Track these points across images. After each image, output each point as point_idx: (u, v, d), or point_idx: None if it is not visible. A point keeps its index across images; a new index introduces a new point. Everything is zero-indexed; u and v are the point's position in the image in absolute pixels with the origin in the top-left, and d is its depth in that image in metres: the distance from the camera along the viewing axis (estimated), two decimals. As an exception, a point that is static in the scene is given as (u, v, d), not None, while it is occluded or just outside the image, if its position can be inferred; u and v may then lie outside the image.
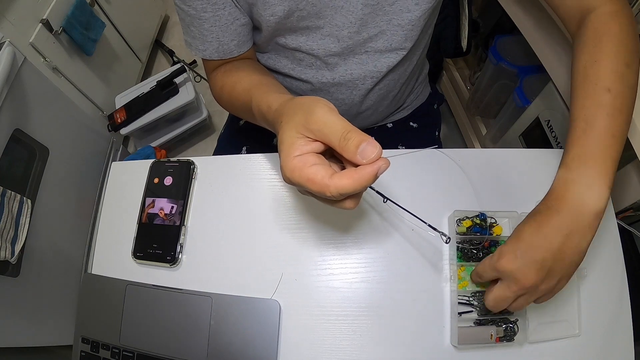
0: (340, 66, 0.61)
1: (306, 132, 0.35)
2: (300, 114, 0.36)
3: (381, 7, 0.54)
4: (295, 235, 0.55)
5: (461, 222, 0.51)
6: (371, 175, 0.33)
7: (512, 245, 0.42)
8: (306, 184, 0.34)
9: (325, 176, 0.34)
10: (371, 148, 0.33)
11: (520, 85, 1.00)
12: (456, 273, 0.49)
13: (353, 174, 0.33)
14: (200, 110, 1.58)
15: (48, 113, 1.07)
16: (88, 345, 0.53)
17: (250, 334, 0.50)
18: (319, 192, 0.34)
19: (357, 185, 0.33)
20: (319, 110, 0.35)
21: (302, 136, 0.36)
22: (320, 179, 0.34)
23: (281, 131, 0.37)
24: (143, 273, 0.55)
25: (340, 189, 0.33)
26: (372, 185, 0.42)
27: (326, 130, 0.34)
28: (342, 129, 0.34)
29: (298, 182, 0.35)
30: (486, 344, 0.47)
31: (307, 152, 0.35)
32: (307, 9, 0.53)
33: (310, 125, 0.35)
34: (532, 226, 0.42)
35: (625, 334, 0.49)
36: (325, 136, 0.34)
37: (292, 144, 0.35)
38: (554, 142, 0.89)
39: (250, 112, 0.51)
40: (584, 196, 0.41)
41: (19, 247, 0.90)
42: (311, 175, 0.34)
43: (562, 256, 0.40)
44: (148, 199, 0.57)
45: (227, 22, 0.54)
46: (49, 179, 1.04)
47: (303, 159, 0.35)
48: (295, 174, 0.35)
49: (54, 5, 1.17)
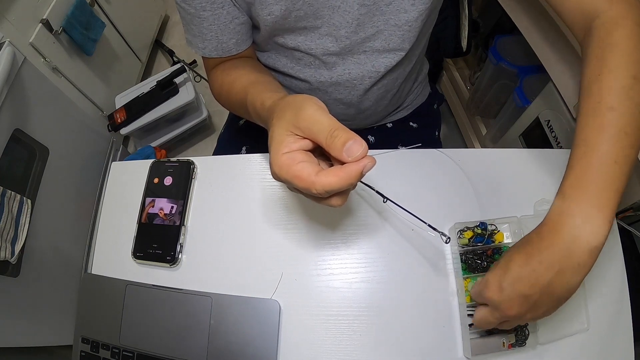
0: (338, 66, 0.61)
1: (295, 129, 0.36)
2: (290, 112, 0.37)
3: (378, 7, 0.54)
4: (296, 235, 0.55)
5: (462, 233, 0.51)
6: (357, 173, 0.33)
7: (499, 275, 0.40)
8: (293, 180, 0.35)
9: (312, 173, 0.34)
10: (357, 146, 0.33)
11: (520, 85, 1.00)
12: (462, 286, 0.49)
13: (339, 172, 0.33)
14: (200, 110, 1.58)
15: (48, 113, 1.07)
16: (88, 345, 0.53)
17: (250, 334, 0.50)
18: (305, 189, 0.34)
19: (343, 183, 0.33)
20: (308, 108, 0.35)
21: (291, 134, 0.36)
22: (306, 176, 0.34)
23: (272, 128, 0.38)
24: (143, 273, 0.55)
25: (325, 186, 0.33)
26: (371, 185, 0.42)
27: (314, 128, 0.35)
28: (329, 127, 0.34)
29: (285, 178, 0.35)
30: (499, 351, 0.47)
31: (295, 150, 0.36)
32: (304, 9, 0.53)
33: (299, 123, 0.35)
34: (521, 257, 0.39)
35: (626, 334, 0.49)
36: (313, 134, 0.35)
37: (281, 142, 0.36)
38: (554, 142, 0.89)
39: (246, 110, 0.52)
40: (579, 231, 0.36)
41: (19, 247, 0.90)
42: (298, 173, 0.34)
43: (550, 291, 0.38)
44: (148, 199, 0.57)
45: (226, 21, 0.55)
46: (49, 179, 1.04)
47: (291, 156, 0.35)
48: (283, 171, 0.35)
49: (54, 5, 1.17)
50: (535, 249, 0.39)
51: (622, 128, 0.37)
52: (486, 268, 0.50)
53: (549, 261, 0.37)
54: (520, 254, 0.40)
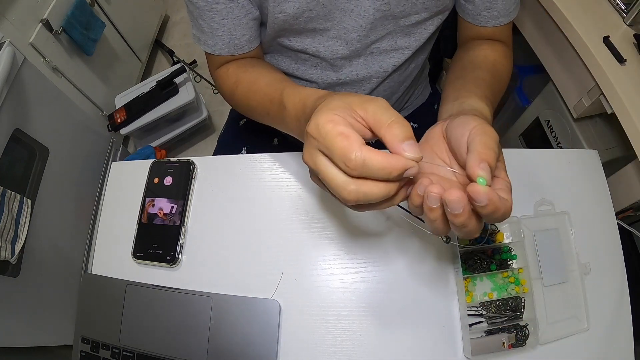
0: (345, 67, 0.61)
1: (359, 109, 0.33)
2: (357, 97, 0.34)
3: (392, 12, 0.54)
4: (295, 235, 0.55)
5: None
6: (402, 164, 0.30)
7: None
8: (336, 138, 0.31)
9: (358, 140, 0.31)
10: (416, 148, 0.31)
11: (520, 85, 1.01)
12: (462, 286, 0.49)
13: (386, 154, 0.30)
14: (200, 110, 1.58)
15: (48, 113, 1.07)
16: (88, 345, 0.53)
17: (250, 334, 0.50)
18: (343, 152, 0.30)
19: (386, 165, 0.30)
20: (379, 100, 0.33)
21: (350, 111, 0.33)
22: (353, 139, 0.30)
23: (328, 99, 0.35)
24: (143, 273, 0.55)
25: (366, 158, 0.30)
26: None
27: (380, 112, 0.32)
28: (398, 117, 0.32)
29: (327, 134, 0.31)
30: (499, 351, 0.47)
31: (350, 122, 0.32)
32: (317, 10, 0.52)
33: (368, 104, 0.33)
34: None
35: (626, 334, 0.49)
36: (377, 117, 0.32)
37: (337, 107, 0.33)
38: (554, 142, 0.89)
39: (269, 108, 0.49)
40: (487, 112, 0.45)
41: (19, 247, 0.90)
42: (346, 132, 0.31)
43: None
44: (148, 199, 0.57)
45: (240, 15, 0.53)
46: (49, 179, 1.04)
47: (344, 119, 0.32)
48: (329, 126, 0.31)
49: (54, 5, 1.17)
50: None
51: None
52: (486, 268, 0.50)
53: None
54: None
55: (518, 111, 1.02)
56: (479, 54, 0.57)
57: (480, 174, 0.30)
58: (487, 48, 0.58)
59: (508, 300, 0.49)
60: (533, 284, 0.49)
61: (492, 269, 0.50)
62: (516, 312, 0.49)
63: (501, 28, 0.58)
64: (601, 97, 0.68)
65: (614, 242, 0.53)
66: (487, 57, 0.56)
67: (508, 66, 0.58)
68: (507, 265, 0.50)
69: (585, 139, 0.82)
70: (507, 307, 0.49)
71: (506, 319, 0.48)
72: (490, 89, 0.50)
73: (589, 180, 0.57)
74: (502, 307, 0.49)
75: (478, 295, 0.50)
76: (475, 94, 0.46)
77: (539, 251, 0.51)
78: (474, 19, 0.58)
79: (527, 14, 0.85)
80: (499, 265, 0.50)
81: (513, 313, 0.49)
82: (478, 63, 0.55)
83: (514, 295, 0.49)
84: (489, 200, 0.29)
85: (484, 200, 0.29)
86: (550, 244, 0.52)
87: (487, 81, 0.51)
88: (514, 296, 0.49)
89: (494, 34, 0.59)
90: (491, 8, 0.55)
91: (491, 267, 0.50)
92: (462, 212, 0.30)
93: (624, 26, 0.69)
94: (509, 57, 0.59)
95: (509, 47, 0.61)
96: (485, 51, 0.57)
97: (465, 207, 0.30)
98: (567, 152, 0.63)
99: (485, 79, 0.51)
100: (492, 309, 0.49)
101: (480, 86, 0.49)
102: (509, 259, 0.50)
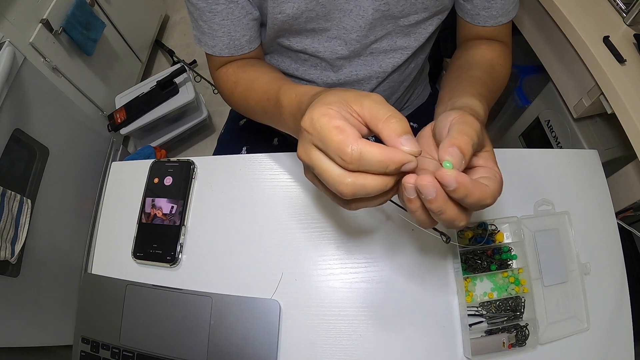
0: (345, 67, 0.61)
1: (355, 104, 0.32)
2: (353, 92, 0.34)
3: (391, 12, 0.54)
4: (295, 235, 0.55)
5: (462, 233, 0.51)
6: (400, 157, 0.29)
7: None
8: (331, 131, 0.30)
9: (354, 133, 0.30)
10: (415, 143, 0.30)
11: (520, 85, 1.01)
12: (463, 285, 0.49)
13: (382, 146, 0.30)
14: (200, 110, 1.58)
15: (48, 113, 1.07)
16: (88, 345, 0.53)
17: (250, 334, 0.50)
18: (339, 145, 0.30)
19: (383, 158, 0.29)
20: (375, 96, 0.33)
21: (346, 106, 0.32)
22: (349, 132, 0.30)
23: (323, 94, 0.34)
24: (143, 273, 0.55)
25: (363, 151, 0.29)
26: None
27: (377, 107, 0.31)
28: (394, 112, 0.31)
29: (322, 128, 0.31)
30: (499, 351, 0.47)
31: (345, 116, 0.32)
32: (317, 10, 0.52)
33: (363, 99, 0.32)
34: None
35: (626, 334, 0.49)
36: (373, 112, 0.31)
37: (332, 101, 0.32)
38: (554, 142, 0.89)
39: (266, 106, 0.49)
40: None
41: (19, 247, 0.90)
42: (341, 125, 0.30)
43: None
44: (148, 198, 0.57)
45: (240, 16, 0.53)
46: (49, 179, 1.04)
47: (339, 113, 0.32)
48: (324, 119, 0.31)
49: (54, 5, 1.17)
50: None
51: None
52: (486, 268, 0.50)
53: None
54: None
55: (518, 111, 1.02)
56: (477, 53, 0.57)
57: (446, 157, 0.30)
58: (485, 48, 0.58)
59: (508, 300, 0.49)
60: (533, 284, 0.49)
61: (492, 269, 0.50)
62: (516, 312, 0.49)
63: (500, 28, 0.58)
64: (601, 97, 0.68)
65: (614, 242, 0.53)
66: (485, 57, 0.56)
67: (506, 66, 0.58)
68: (507, 265, 0.50)
69: (585, 139, 0.82)
70: (507, 307, 0.49)
71: (506, 319, 0.48)
72: (486, 87, 0.50)
73: (589, 180, 0.57)
74: (502, 307, 0.49)
75: (478, 295, 0.50)
76: (468, 92, 0.45)
77: (539, 251, 0.51)
78: (473, 18, 0.58)
79: (526, 13, 0.85)
80: (499, 265, 0.50)
81: (513, 313, 0.49)
82: (475, 63, 0.55)
83: (514, 295, 0.49)
84: (458, 183, 0.29)
85: (452, 183, 0.29)
86: (550, 244, 0.52)
87: (482, 80, 0.51)
88: (514, 296, 0.49)
89: (493, 33, 0.59)
90: (490, 7, 0.56)
91: (491, 267, 0.50)
92: (435, 197, 0.30)
93: (624, 26, 0.69)
94: (508, 56, 0.59)
95: (508, 47, 0.60)
96: (483, 51, 0.57)
97: (439, 193, 0.30)
98: (567, 152, 0.63)
99: (481, 78, 0.51)
100: (492, 309, 0.49)
101: (475, 85, 0.49)
102: (509, 259, 0.50)
